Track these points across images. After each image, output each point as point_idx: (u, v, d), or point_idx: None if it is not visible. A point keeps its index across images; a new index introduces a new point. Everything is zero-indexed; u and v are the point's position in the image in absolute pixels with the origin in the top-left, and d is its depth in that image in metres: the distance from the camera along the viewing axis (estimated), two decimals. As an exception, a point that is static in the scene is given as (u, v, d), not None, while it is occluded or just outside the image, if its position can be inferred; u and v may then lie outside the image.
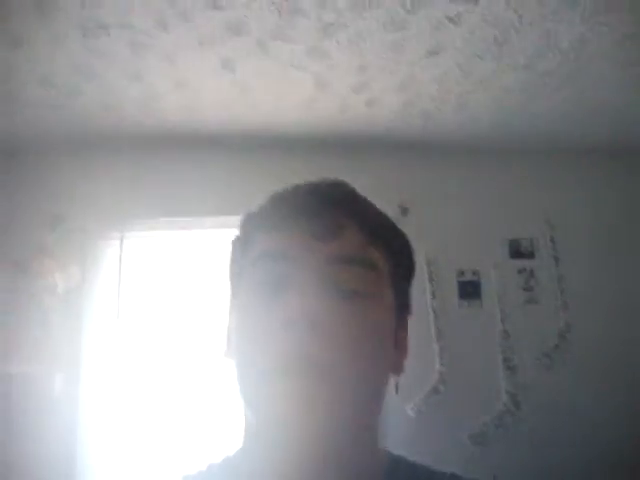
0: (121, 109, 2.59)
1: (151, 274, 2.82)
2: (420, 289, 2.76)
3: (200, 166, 2.87)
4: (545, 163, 3.03)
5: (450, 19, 1.96)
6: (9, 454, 2.50)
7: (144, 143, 2.85)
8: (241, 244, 0.72)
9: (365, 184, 0.73)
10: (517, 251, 2.91)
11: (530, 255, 2.91)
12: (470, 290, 2.84)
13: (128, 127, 2.74)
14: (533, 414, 2.68)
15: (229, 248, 0.74)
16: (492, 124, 2.81)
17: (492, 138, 2.94)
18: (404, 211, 2.74)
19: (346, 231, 0.64)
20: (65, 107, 2.54)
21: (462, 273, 2.86)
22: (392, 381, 0.69)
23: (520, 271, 2.88)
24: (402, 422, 2.61)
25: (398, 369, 0.70)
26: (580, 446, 2.59)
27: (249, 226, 0.72)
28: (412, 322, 0.74)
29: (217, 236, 2.77)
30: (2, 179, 2.85)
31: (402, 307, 0.71)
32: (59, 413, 2.57)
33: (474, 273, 2.86)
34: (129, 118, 2.67)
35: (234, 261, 0.73)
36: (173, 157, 2.89)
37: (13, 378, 2.48)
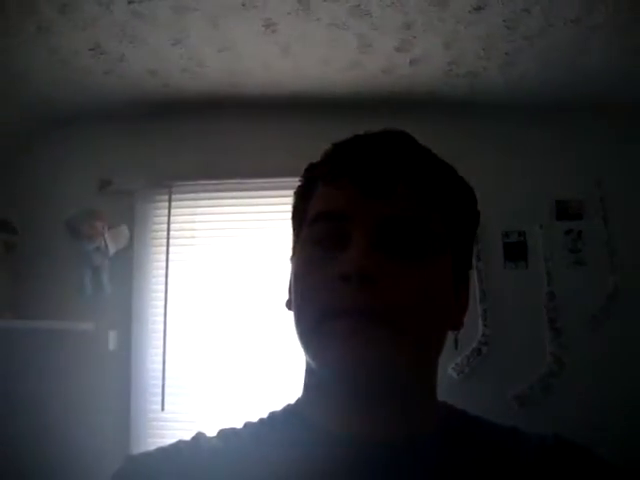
0: (165, 73, 2.61)
1: (199, 234, 2.89)
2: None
3: (244, 128, 2.88)
4: (595, 121, 2.92)
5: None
6: (66, 408, 2.61)
7: (189, 106, 2.88)
8: (304, 193, 0.73)
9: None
10: (564, 212, 2.84)
11: (578, 216, 2.84)
12: (516, 252, 2.81)
13: (173, 91, 2.77)
14: (578, 376, 2.66)
15: (293, 198, 0.76)
16: (540, 82, 2.72)
17: (540, 96, 2.84)
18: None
19: (401, 189, 0.64)
20: (111, 73, 2.58)
21: (507, 234, 2.83)
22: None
23: (567, 232, 2.82)
24: (445, 383, 2.63)
25: (457, 324, 0.71)
26: (625, 409, 2.57)
27: (310, 175, 0.73)
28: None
29: (262, 197, 2.80)
30: (53, 145, 2.93)
31: (461, 263, 0.71)
32: (113, 369, 2.67)
33: (520, 234, 2.82)
34: (173, 82, 2.70)
35: (297, 211, 0.74)
36: (217, 120, 2.92)
37: (68, 335, 2.58)
